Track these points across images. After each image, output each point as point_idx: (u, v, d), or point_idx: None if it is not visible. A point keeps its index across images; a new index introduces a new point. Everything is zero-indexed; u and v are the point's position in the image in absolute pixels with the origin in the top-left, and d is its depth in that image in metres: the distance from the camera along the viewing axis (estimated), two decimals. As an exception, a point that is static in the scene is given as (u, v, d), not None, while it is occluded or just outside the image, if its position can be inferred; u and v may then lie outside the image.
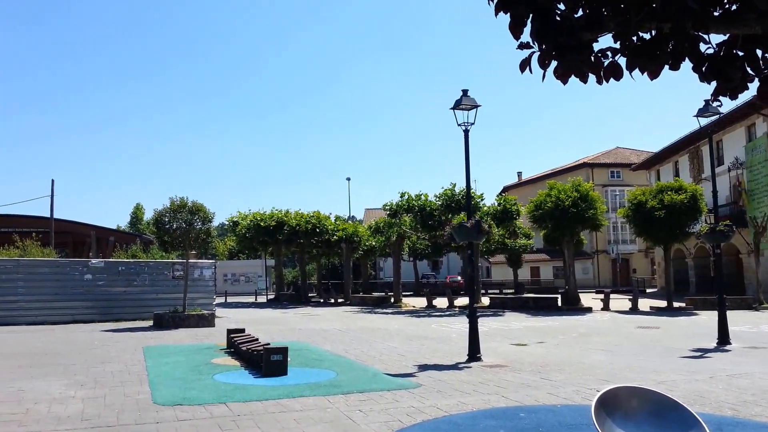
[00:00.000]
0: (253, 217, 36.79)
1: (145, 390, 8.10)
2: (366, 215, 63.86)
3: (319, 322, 19.91)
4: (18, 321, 18.11)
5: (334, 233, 35.20)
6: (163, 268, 20.62)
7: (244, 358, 10.62)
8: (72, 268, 19.74)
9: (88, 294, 19.43)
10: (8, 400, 7.44)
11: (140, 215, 70.04)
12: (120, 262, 20.99)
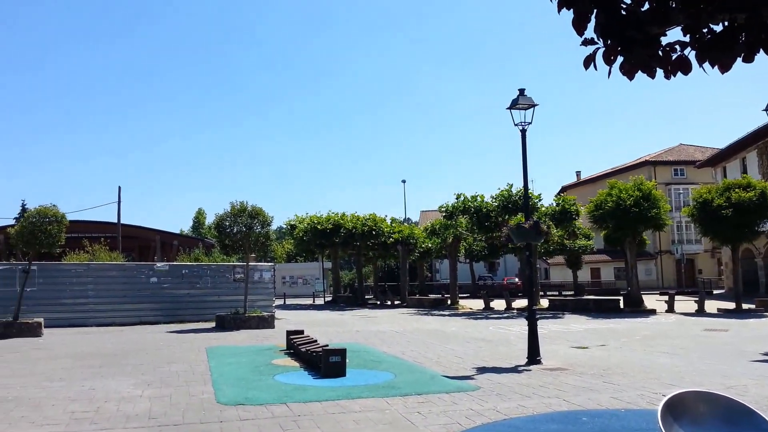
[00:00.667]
0: (310, 220, 37.22)
1: (209, 390, 8.30)
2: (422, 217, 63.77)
3: (376, 323, 19.98)
4: (88, 322, 18.82)
5: (390, 235, 35.29)
6: (225, 270, 21.08)
7: (303, 359, 10.75)
8: (138, 272, 20.40)
9: (153, 296, 20.04)
10: (80, 399, 7.75)
11: (202, 219, 71.91)
12: (183, 266, 21.57)
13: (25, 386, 8.63)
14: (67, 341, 14.65)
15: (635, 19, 2.31)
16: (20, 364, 10.83)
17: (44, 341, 14.73)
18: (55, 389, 8.40)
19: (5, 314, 16.53)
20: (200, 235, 62.84)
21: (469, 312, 26.27)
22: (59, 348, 13.30)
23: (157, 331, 17.17)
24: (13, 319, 15.86)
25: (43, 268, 19.02)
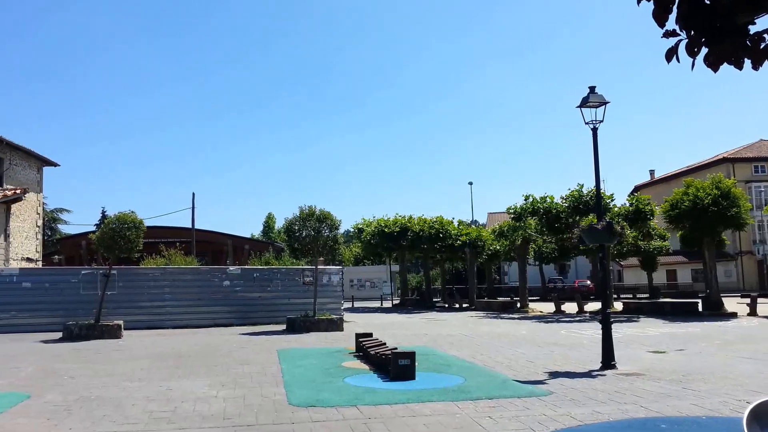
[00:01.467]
0: (377, 223, 37.40)
1: (281, 391, 8.42)
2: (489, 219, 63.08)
3: (444, 327, 19.86)
4: (165, 324, 19.48)
5: (457, 238, 35.05)
6: (294, 274, 21.40)
7: (372, 362, 10.77)
8: (212, 275, 20.97)
9: (226, 299, 20.54)
10: (158, 399, 8.00)
11: (272, 224, 73.43)
12: (255, 269, 22.03)
13: (107, 386, 8.99)
14: (145, 343, 15.20)
15: (721, 7, 2.18)
16: (102, 365, 11.30)
17: (124, 343, 15.32)
18: (135, 389, 8.71)
19: (88, 317, 17.31)
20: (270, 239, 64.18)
21: (539, 315, 25.78)
22: (138, 349, 13.81)
23: (229, 333, 17.59)
24: (95, 321, 16.58)
25: (123, 272, 19.81)
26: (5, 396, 8.27)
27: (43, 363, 11.59)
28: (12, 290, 18.56)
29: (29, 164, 33.89)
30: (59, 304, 18.68)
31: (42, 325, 18.06)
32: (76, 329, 16.21)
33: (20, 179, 32.29)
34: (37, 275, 20.36)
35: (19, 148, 32.07)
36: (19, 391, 8.59)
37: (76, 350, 13.63)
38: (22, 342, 15.43)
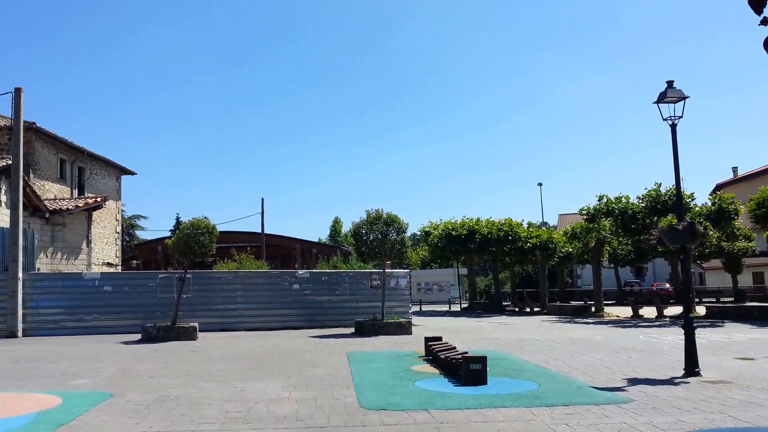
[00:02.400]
0: (444, 226, 37.13)
1: (351, 394, 8.42)
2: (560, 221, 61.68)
3: (515, 331, 19.48)
4: (237, 327, 19.90)
5: (527, 240, 34.40)
6: (362, 277, 21.47)
7: (442, 366, 10.65)
8: (282, 279, 21.29)
9: (296, 302, 20.81)
10: (234, 399, 8.14)
11: (338, 228, 74.16)
12: (323, 273, 22.23)
13: (184, 386, 9.21)
14: (219, 344, 15.55)
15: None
16: (179, 366, 11.61)
17: (199, 344, 15.72)
18: (211, 389, 8.90)
19: (165, 319, 17.87)
20: (337, 243, 64.81)
21: (615, 320, 24.96)
22: (213, 351, 14.14)
23: (299, 335, 17.79)
24: (172, 323, 17.09)
25: (197, 276, 20.36)
26: (90, 395, 8.60)
27: (124, 363, 12.01)
28: (94, 294, 19.40)
29: (109, 173, 35.44)
30: (138, 307, 19.38)
31: (122, 327, 18.79)
32: (154, 331, 16.76)
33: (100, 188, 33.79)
34: (117, 279, 21.20)
35: (100, 158, 33.59)
36: (102, 390, 8.92)
37: (155, 351, 14.08)
38: (104, 343, 16.07)
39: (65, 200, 27.81)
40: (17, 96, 19.26)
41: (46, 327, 18.79)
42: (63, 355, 13.62)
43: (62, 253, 25.93)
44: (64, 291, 19.38)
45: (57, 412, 7.51)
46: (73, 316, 19.09)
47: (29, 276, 19.05)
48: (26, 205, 21.42)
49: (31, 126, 25.13)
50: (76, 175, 31.43)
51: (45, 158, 28.56)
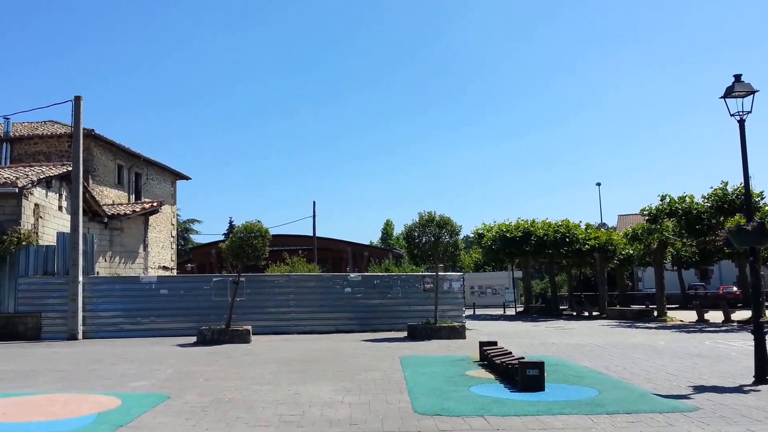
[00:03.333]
0: (498, 228, 36.60)
1: (405, 399, 8.27)
2: (619, 222, 60.08)
3: (573, 336, 18.97)
4: (290, 330, 19.99)
5: (585, 242, 33.53)
6: (414, 281, 21.29)
7: (498, 372, 10.40)
8: (334, 282, 21.30)
9: (348, 305, 20.77)
10: (287, 402, 8.10)
11: (390, 230, 74.10)
12: (375, 276, 22.14)
13: (239, 389, 9.23)
14: (272, 347, 15.62)
15: None
16: (233, 368, 11.68)
17: (252, 347, 15.83)
18: (265, 392, 8.89)
19: (219, 322, 18.08)
20: (389, 245, 64.78)
21: (679, 324, 24.08)
22: (266, 354, 14.20)
23: (352, 339, 17.73)
24: (226, 326, 17.27)
25: (250, 279, 20.55)
26: (148, 396, 8.71)
27: (180, 366, 12.16)
28: (151, 297, 19.80)
29: (164, 178, 36.33)
30: (193, 310, 19.69)
31: (178, 329, 19.11)
32: (209, 334, 16.96)
33: (156, 192, 34.64)
34: (173, 282, 21.62)
35: (156, 163, 34.47)
36: (159, 392, 9.03)
37: (210, 354, 14.24)
38: (160, 345, 16.36)
39: (123, 205, 28.59)
40: (77, 104, 19.86)
41: (105, 329, 19.27)
42: (121, 357, 13.90)
43: (120, 257, 26.63)
44: (122, 294, 19.85)
45: (116, 413, 7.61)
46: (131, 319, 19.52)
47: (89, 279, 19.59)
48: (86, 210, 22.07)
49: (90, 133, 25.93)
50: (133, 181, 32.33)
51: (103, 164, 29.43)
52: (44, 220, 21.11)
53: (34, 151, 28.64)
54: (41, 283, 19.23)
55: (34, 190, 20.45)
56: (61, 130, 29.27)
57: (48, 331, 18.88)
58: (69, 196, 21.66)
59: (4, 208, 19.43)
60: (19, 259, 19.15)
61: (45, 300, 19.13)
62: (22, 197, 19.55)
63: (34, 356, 14.34)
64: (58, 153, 28.28)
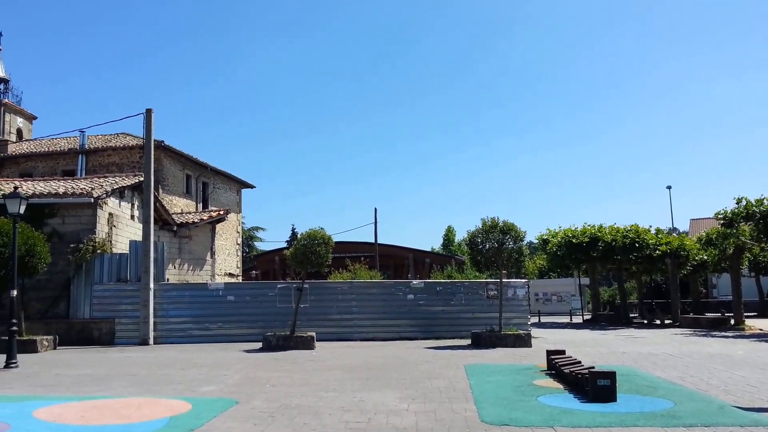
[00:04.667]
0: (564, 234, 35.74)
1: (471, 407, 8.14)
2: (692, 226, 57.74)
3: (644, 345, 18.31)
4: (353, 337, 20.04)
5: (655, 248, 32.34)
6: (478, 287, 21.02)
7: (566, 381, 10.11)
8: (396, 289, 21.25)
9: (410, 312, 20.67)
10: (353, 409, 8.09)
11: (451, 237, 73.54)
12: (438, 283, 21.98)
13: (305, 395, 9.29)
14: (336, 354, 15.68)
15: None
16: (298, 374, 11.78)
17: (317, 353, 15.94)
18: (330, 399, 8.91)
19: (284, 328, 18.31)
20: (450, 252, 64.33)
21: (758, 334, 22.92)
22: (330, 360, 14.27)
23: (414, 346, 17.62)
24: (291, 332, 17.46)
25: (314, 286, 20.75)
26: (217, 401, 8.87)
27: (247, 371, 12.35)
28: (219, 303, 20.23)
29: (230, 187, 37.23)
30: (258, 316, 20.00)
31: (244, 335, 19.45)
32: (274, 340, 17.19)
33: (222, 201, 35.51)
34: (239, 289, 22.07)
35: (222, 172, 35.37)
36: (228, 397, 9.19)
37: (275, 360, 14.42)
38: (227, 351, 16.68)
39: (191, 214, 29.44)
40: (148, 117, 20.58)
41: (175, 335, 19.81)
42: (191, 362, 14.24)
43: (188, 264, 27.40)
44: (190, 300, 20.36)
45: (187, 417, 7.77)
46: (199, 325, 20.00)
47: (159, 286, 20.19)
48: (156, 219, 22.81)
49: (159, 144, 26.82)
50: (200, 190, 33.27)
51: (173, 174, 30.39)
52: (117, 228, 21.92)
53: (107, 163, 29.88)
54: (115, 289, 19.95)
55: (109, 200, 21.29)
56: (133, 141, 30.42)
57: (121, 336, 19.56)
58: (140, 205, 22.46)
59: (80, 217, 20.29)
60: (94, 267, 19.93)
61: (118, 306, 19.83)
62: (97, 207, 20.37)
63: (109, 361, 14.86)
64: (130, 164, 29.41)
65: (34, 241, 17.08)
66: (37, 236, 17.48)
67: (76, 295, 19.88)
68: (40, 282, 19.37)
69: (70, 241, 19.75)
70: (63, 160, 30.70)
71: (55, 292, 19.87)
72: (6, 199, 14.97)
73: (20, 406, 8.82)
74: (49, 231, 19.55)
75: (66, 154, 30.60)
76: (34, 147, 33.39)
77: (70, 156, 30.30)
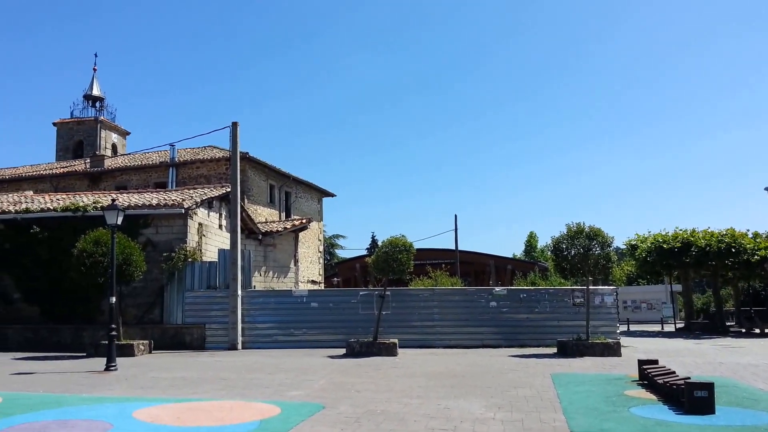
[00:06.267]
0: (653, 239, 34.34)
1: (560, 418, 7.95)
2: (793, 229, 54.31)
3: (743, 355, 17.33)
4: (435, 344, 19.95)
5: (754, 252, 30.54)
6: (563, 295, 20.50)
7: (660, 392, 9.70)
8: (479, 296, 21.01)
9: (493, 320, 20.37)
10: (438, 417, 8.06)
11: (534, 243, 72.05)
12: (521, 290, 21.58)
13: (389, 401, 9.33)
14: (419, 361, 15.66)
15: None
16: (382, 381, 11.84)
17: (399, 360, 15.97)
18: (415, 405, 8.91)
19: (366, 335, 18.46)
20: (533, 258, 63.07)
21: None
22: (413, 367, 14.26)
23: (498, 354, 17.37)
24: (373, 339, 17.59)
25: (395, 293, 20.81)
26: (304, 405, 9.05)
27: (332, 377, 12.53)
28: (303, 310, 20.63)
29: (311, 196, 38.01)
30: (341, 323, 20.24)
31: (327, 341, 19.73)
32: (357, 346, 17.37)
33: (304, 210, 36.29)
34: (322, 296, 22.43)
35: (303, 182, 36.17)
36: (315, 402, 9.36)
37: (359, 366, 14.56)
38: (312, 357, 16.98)
39: (275, 222, 30.24)
40: (234, 130, 21.31)
41: (261, 340, 20.34)
42: (278, 367, 14.59)
43: (273, 271, 28.13)
44: (276, 307, 20.86)
45: (276, 421, 7.97)
46: (284, 331, 20.46)
47: (247, 293, 20.81)
48: (242, 228, 23.55)
49: (244, 155, 27.70)
50: (283, 199, 34.14)
51: (257, 184, 31.33)
52: (206, 237, 22.79)
53: (196, 175, 31.13)
54: (205, 296, 20.72)
55: (198, 211, 22.17)
56: (219, 154, 31.58)
57: (211, 341, 20.27)
58: (227, 215, 23.28)
59: (172, 227, 21.22)
60: (186, 274, 20.78)
61: (208, 312, 20.58)
62: (188, 217, 21.25)
63: (200, 364, 15.44)
64: (217, 175, 30.53)
65: (130, 250, 18.03)
66: (133, 246, 18.44)
67: (169, 301, 20.78)
68: (136, 289, 20.38)
69: (163, 250, 20.69)
70: (155, 173, 32.22)
71: (150, 299, 20.85)
72: (105, 210, 15.90)
73: (121, 406, 9.30)
74: (143, 240, 20.55)
75: (158, 167, 32.10)
76: (128, 161, 35.21)
77: (162, 169, 31.77)
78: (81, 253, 17.66)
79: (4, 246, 21.78)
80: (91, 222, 19.61)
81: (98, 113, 47.56)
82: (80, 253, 17.69)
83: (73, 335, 20.40)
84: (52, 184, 33.13)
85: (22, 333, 20.74)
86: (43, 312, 21.26)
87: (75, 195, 24.41)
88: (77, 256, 17.72)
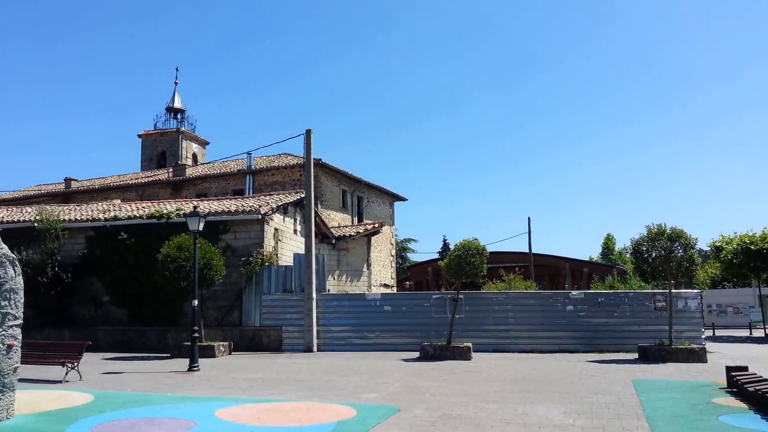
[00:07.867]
0: (740, 240, 32.76)
1: (644, 425, 7.71)
2: None
3: (843, 363, 16.25)
4: (509, 348, 19.67)
5: None
6: (644, 298, 19.81)
7: (751, 400, 9.25)
8: (554, 300, 20.58)
9: (570, 324, 19.90)
10: (515, 422, 7.95)
11: (611, 245, 69.91)
12: (599, 293, 20.98)
13: (465, 405, 9.28)
14: (494, 365, 15.49)
15: None
16: (457, 384, 11.78)
17: (474, 364, 15.84)
18: (491, 410, 8.83)
19: (440, 338, 18.40)
20: (610, 261, 61.25)
21: None
22: (488, 371, 14.13)
23: (576, 359, 16.97)
24: (447, 342, 17.52)
25: (469, 296, 20.64)
26: (379, 408, 9.13)
27: (406, 380, 12.57)
28: (376, 313, 20.78)
29: (383, 200, 38.24)
30: (414, 326, 20.25)
31: (401, 344, 19.78)
32: (431, 349, 17.34)
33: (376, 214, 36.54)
34: (395, 299, 22.52)
35: (375, 186, 36.43)
36: (390, 404, 9.42)
37: (433, 369, 14.54)
38: (386, 359, 17.08)
39: (348, 227, 30.59)
40: (308, 137, 21.72)
41: (336, 343, 20.61)
42: (352, 369, 14.76)
43: (346, 275, 28.46)
44: (350, 310, 21.10)
45: (353, 422, 8.08)
46: (358, 333, 20.66)
47: (321, 296, 21.15)
48: (316, 232, 23.95)
49: (317, 162, 28.17)
50: (355, 204, 34.52)
51: (330, 190, 31.81)
52: (282, 242, 23.32)
53: (271, 181, 31.91)
54: (281, 299, 21.19)
55: (274, 216, 22.72)
56: (293, 161, 32.27)
57: (287, 344, 20.71)
58: (302, 220, 23.74)
59: (249, 232, 21.83)
60: (263, 278, 21.32)
61: (284, 315, 21.04)
62: (265, 223, 21.81)
63: (278, 366, 15.80)
64: (292, 182, 31.20)
65: (211, 255, 18.69)
66: (214, 251, 19.09)
67: (248, 304, 21.37)
68: (216, 292, 21.06)
69: (241, 255, 21.30)
70: (233, 181, 33.24)
71: (229, 302, 21.50)
72: (187, 217, 16.55)
73: (203, 406, 9.65)
74: (223, 246, 21.24)
75: (235, 174, 33.10)
76: (208, 170, 36.47)
77: (239, 176, 32.72)
78: (165, 258, 18.43)
79: (94, 252, 22.98)
80: (175, 228, 20.44)
81: (179, 125, 49.61)
82: (164, 258, 18.46)
83: (158, 337, 21.30)
84: (137, 192, 34.72)
85: (111, 334, 21.82)
86: (130, 314, 22.29)
87: (159, 203, 25.48)
88: (161, 261, 18.51)
